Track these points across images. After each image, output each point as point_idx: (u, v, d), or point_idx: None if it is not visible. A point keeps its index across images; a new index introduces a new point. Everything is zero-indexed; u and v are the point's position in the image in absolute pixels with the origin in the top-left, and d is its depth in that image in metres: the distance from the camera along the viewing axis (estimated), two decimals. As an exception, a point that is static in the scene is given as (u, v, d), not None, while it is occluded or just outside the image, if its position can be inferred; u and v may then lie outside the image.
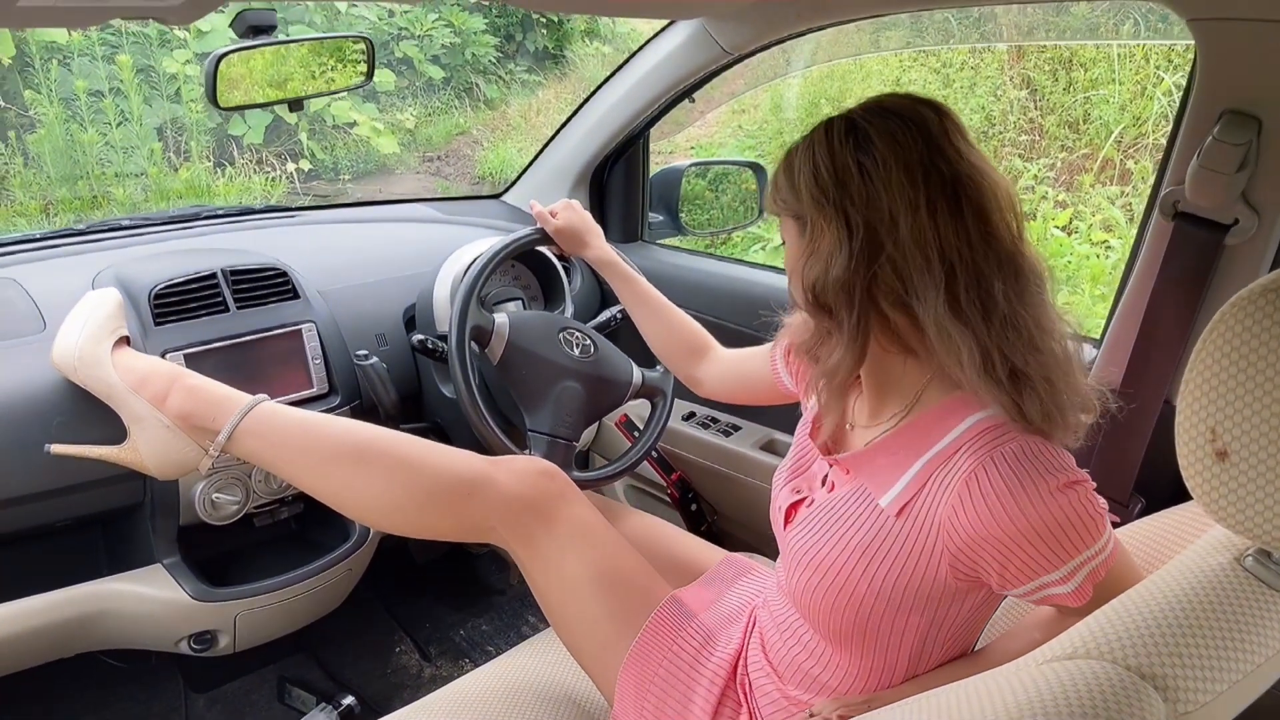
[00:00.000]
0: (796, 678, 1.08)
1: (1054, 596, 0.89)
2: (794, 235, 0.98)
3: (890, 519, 0.95)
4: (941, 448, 0.92)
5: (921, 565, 0.93)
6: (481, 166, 6.52)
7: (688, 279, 1.95)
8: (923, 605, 0.95)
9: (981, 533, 0.87)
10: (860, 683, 1.03)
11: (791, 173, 0.96)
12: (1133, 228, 4.27)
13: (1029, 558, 0.87)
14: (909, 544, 0.93)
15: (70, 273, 1.58)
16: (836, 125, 0.93)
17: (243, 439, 1.30)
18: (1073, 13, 4.95)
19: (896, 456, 0.95)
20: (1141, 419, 1.30)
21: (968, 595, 0.95)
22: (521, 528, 1.22)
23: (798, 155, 0.95)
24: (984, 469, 0.87)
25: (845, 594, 0.97)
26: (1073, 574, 0.87)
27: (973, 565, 0.90)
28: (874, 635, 0.99)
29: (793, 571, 1.04)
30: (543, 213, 1.59)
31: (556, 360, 1.57)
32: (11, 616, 1.41)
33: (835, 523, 1.00)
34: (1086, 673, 0.63)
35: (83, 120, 5.23)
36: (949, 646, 1.01)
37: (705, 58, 1.77)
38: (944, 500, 0.90)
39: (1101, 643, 0.66)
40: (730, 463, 1.86)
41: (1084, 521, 0.86)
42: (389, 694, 1.97)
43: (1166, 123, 4.68)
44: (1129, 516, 1.29)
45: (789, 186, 0.96)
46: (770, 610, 1.15)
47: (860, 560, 0.96)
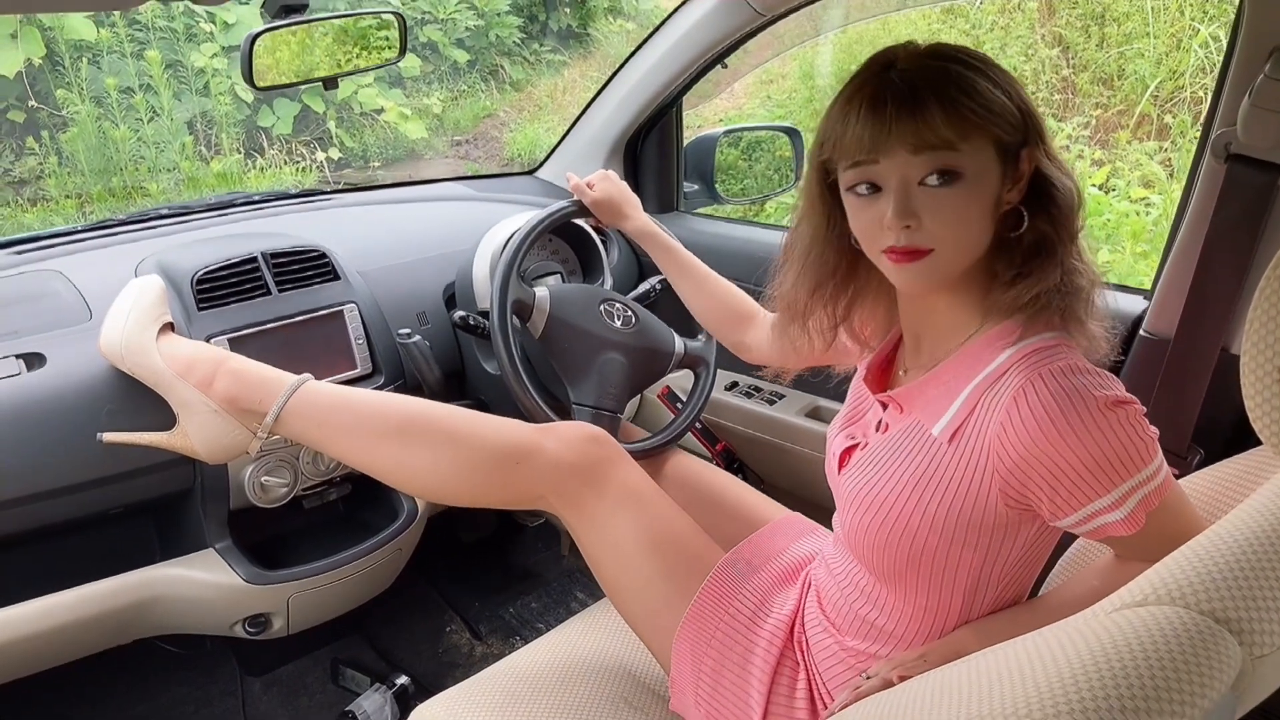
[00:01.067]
0: (854, 627, 1.08)
1: (1106, 526, 0.88)
2: (990, 160, 0.91)
3: (943, 446, 0.95)
4: (990, 370, 0.93)
5: (974, 491, 0.92)
6: (510, 148, 6.52)
7: (726, 247, 1.93)
8: (975, 538, 0.95)
9: (1031, 449, 0.87)
10: (915, 624, 1.03)
11: (998, 86, 0.90)
12: (1174, 182, 4.18)
13: (1079, 477, 0.86)
14: (961, 469, 0.93)
15: (113, 262, 1.59)
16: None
17: (290, 420, 1.30)
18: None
19: (947, 385, 0.96)
20: (1198, 368, 1.28)
21: (1020, 528, 0.95)
22: (571, 494, 1.23)
23: (987, 70, 0.90)
24: (1032, 385, 0.87)
25: (899, 527, 0.97)
26: (1124, 499, 0.87)
27: (1023, 488, 0.89)
28: (928, 572, 0.99)
29: (848, 513, 1.04)
30: (580, 185, 1.58)
31: (598, 332, 1.56)
32: (68, 605, 1.43)
33: (889, 459, 1.00)
34: (1160, 619, 0.62)
35: (114, 117, 5.27)
36: (1003, 587, 1.00)
37: (738, 20, 1.74)
38: (993, 419, 0.90)
39: (1173, 588, 0.65)
40: (776, 431, 1.84)
41: (1134, 442, 0.86)
42: (441, 673, 1.98)
43: (1204, 75, 4.58)
44: (1188, 468, 1.26)
45: (1003, 98, 0.89)
46: (827, 564, 1.15)
47: (914, 491, 0.96)
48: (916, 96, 0.87)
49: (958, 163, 0.88)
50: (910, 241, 0.91)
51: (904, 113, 0.87)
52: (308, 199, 2.00)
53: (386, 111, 6.28)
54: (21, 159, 5.31)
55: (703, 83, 2.00)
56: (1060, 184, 0.92)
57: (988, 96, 0.88)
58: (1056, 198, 0.92)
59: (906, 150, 0.88)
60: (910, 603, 1.03)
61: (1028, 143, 0.92)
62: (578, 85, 7.04)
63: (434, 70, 6.84)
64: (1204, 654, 0.60)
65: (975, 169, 0.89)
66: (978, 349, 0.95)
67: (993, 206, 0.92)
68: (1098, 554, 1.10)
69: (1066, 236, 0.93)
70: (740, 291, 1.48)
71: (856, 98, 0.90)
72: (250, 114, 5.91)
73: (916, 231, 0.90)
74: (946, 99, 0.87)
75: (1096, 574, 0.98)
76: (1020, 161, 0.92)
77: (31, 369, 1.37)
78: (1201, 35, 4.59)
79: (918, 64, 0.89)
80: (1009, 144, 0.90)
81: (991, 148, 0.89)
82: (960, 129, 0.87)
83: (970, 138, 0.88)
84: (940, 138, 0.87)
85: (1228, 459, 1.09)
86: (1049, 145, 0.93)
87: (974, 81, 0.88)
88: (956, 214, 0.90)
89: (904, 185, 0.90)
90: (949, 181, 0.89)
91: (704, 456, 1.99)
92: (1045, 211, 0.93)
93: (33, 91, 5.25)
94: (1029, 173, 0.92)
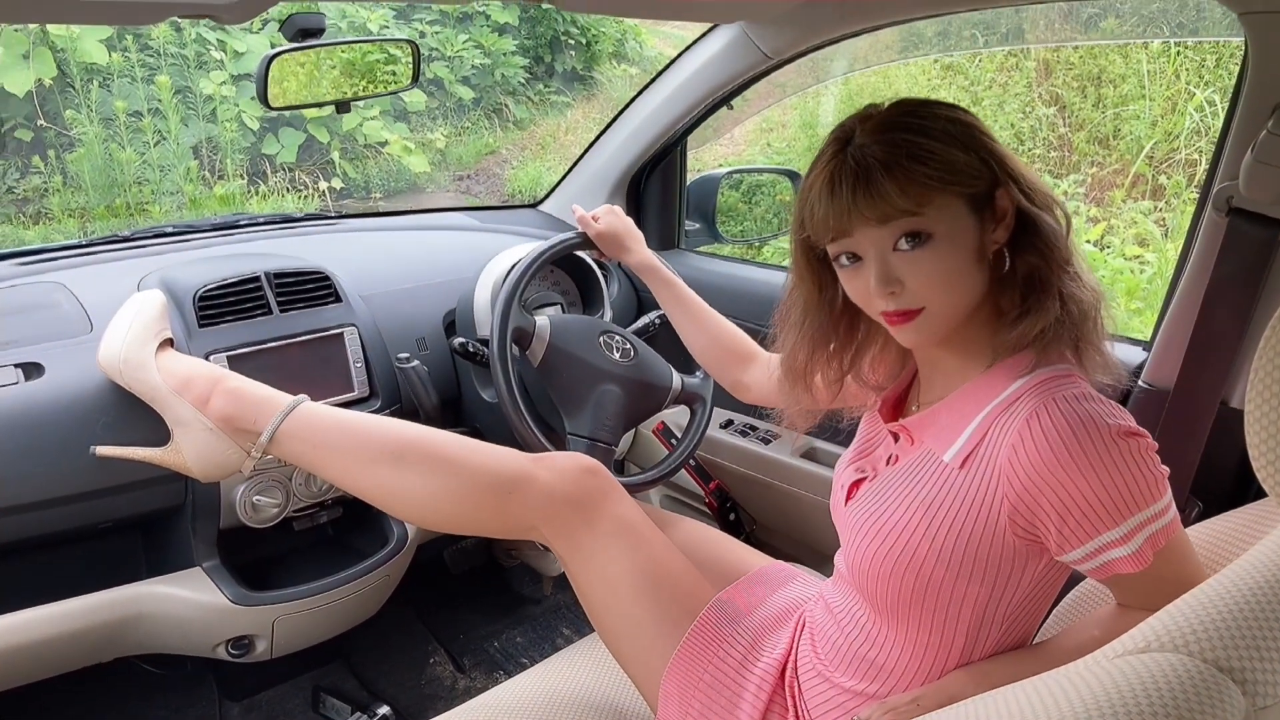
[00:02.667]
0: (851, 666, 1.07)
1: (1114, 562, 0.88)
2: (960, 215, 0.92)
3: (954, 472, 0.95)
4: (1002, 398, 0.94)
5: (983, 518, 0.93)
6: (511, 185, 6.56)
7: (726, 285, 1.94)
8: (982, 571, 0.95)
9: (1041, 473, 0.87)
10: (916, 662, 1.02)
11: (954, 141, 0.91)
12: (1168, 241, 4.22)
13: (1088, 506, 0.86)
14: (971, 495, 0.93)
15: (116, 277, 1.60)
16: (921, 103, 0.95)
17: (284, 440, 1.30)
18: (1101, 28, 4.93)
19: (960, 412, 0.97)
20: (1197, 420, 1.28)
21: (1027, 563, 0.95)
22: (564, 525, 1.21)
23: (942, 127, 0.92)
24: (1045, 409, 0.88)
25: (906, 556, 0.97)
26: (1132, 534, 0.87)
27: (1032, 515, 0.90)
28: (932, 606, 0.98)
29: (853, 543, 1.04)
30: (585, 217, 1.59)
31: (597, 363, 1.57)
32: (51, 619, 1.41)
33: (898, 487, 1.01)
34: (1164, 666, 0.61)
35: (122, 139, 5.30)
36: (1006, 628, 0.99)
37: (745, 63, 1.76)
38: (1004, 443, 0.90)
39: (1176, 636, 0.64)
40: (770, 471, 1.84)
41: (1145, 476, 0.86)
42: (423, 705, 1.95)
43: (1199, 138, 4.64)
44: (1186, 520, 1.25)
45: (959, 154, 0.91)
46: (826, 602, 1.14)
47: (923, 518, 0.96)
48: (869, 174, 0.90)
49: (924, 226, 0.91)
50: (899, 305, 0.94)
51: (859, 191, 0.90)
52: (312, 222, 2.01)
53: (390, 144, 6.32)
54: (26, 177, 5.33)
55: (703, 127, 2.02)
56: (1039, 218, 0.94)
57: (942, 157, 0.90)
58: (1041, 230, 0.94)
59: (871, 224, 0.91)
60: (912, 640, 1.02)
61: (999, 184, 0.93)
62: (580, 126, 7.11)
63: (439, 106, 6.90)
64: (1208, 703, 0.59)
65: (945, 227, 0.91)
66: (990, 378, 0.96)
67: (975, 254, 0.93)
68: (1097, 603, 1.10)
69: (1058, 265, 0.94)
70: (739, 331, 1.48)
71: (818, 181, 0.94)
72: (255, 141, 5.95)
73: (902, 294, 0.93)
74: (899, 170, 0.89)
75: (1097, 623, 0.97)
76: (996, 202, 0.93)
77: (29, 379, 1.37)
78: (1197, 99, 4.66)
79: (871, 138, 0.92)
80: (978, 193, 0.92)
81: (959, 202, 0.91)
82: (917, 196, 0.89)
83: (931, 200, 0.90)
84: (899, 208, 0.90)
85: (1227, 512, 1.09)
86: (1024, 179, 0.95)
87: (925, 146, 0.90)
88: (937, 272, 0.92)
89: (880, 254, 0.93)
90: (921, 243, 0.91)
91: (696, 494, 1.99)
92: (1032, 246, 0.94)
93: (42, 111, 5.28)
94: (1010, 210, 0.94)
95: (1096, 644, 0.81)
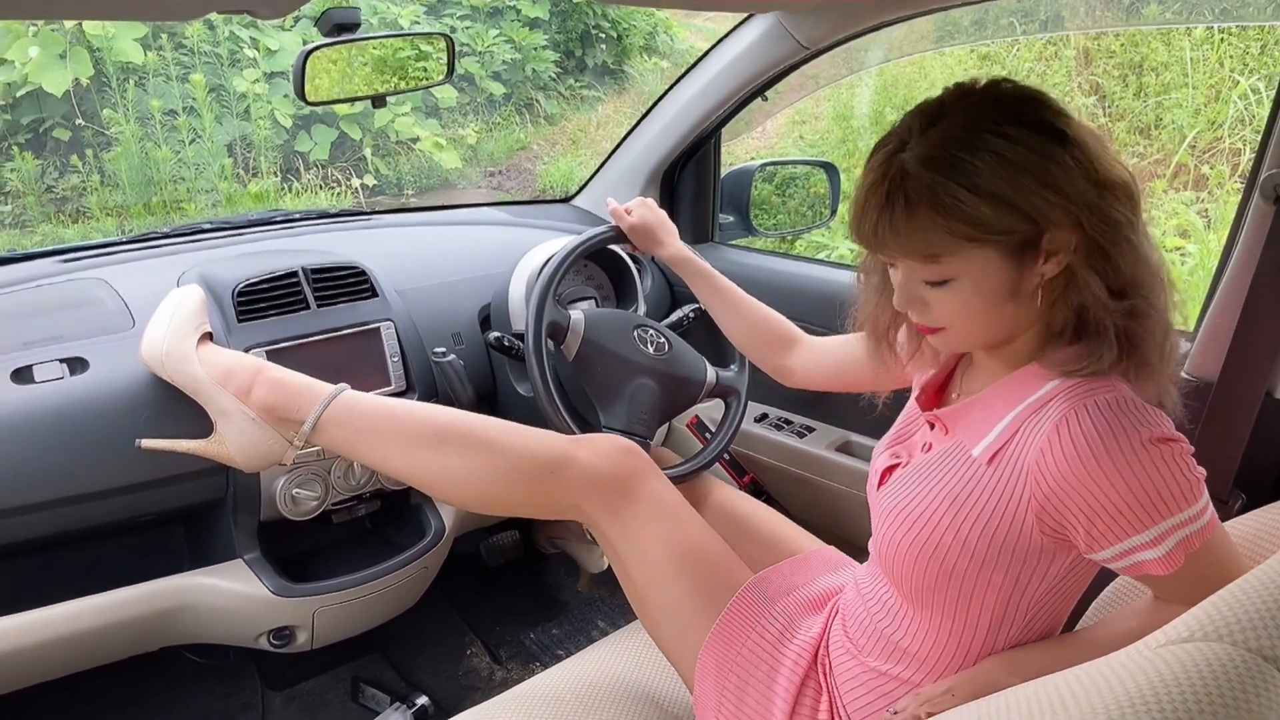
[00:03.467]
0: (878, 647, 1.08)
1: (1143, 564, 0.87)
2: (988, 260, 0.88)
3: (982, 468, 0.95)
4: (1036, 398, 0.93)
5: (1009, 515, 0.92)
6: (542, 180, 6.57)
7: (761, 279, 1.93)
8: (1007, 562, 0.94)
9: (1069, 478, 0.86)
10: (939, 647, 1.02)
11: (992, 191, 0.84)
12: (1210, 232, 4.16)
13: (1117, 512, 0.85)
14: (998, 492, 0.93)
15: (156, 273, 1.62)
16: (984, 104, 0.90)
17: (327, 428, 1.32)
18: (1143, 15, 4.86)
19: (992, 408, 0.97)
20: (1241, 412, 1.26)
21: (1054, 558, 0.94)
22: (605, 504, 1.23)
23: (987, 172, 0.84)
24: (1075, 414, 0.87)
25: (931, 545, 0.97)
26: (1162, 538, 0.85)
27: (1059, 516, 0.89)
28: (955, 594, 0.98)
29: (882, 526, 1.05)
30: (618, 210, 1.59)
31: (631, 357, 1.57)
32: (97, 609, 1.44)
33: (927, 477, 1.01)
34: (1208, 655, 0.61)
35: (157, 138, 5.37)
36: (1032, 618, 0.99)
37: (781, 53, 1.75)
38: (1034, 444, 0.90)
39: (1220, 625, 0.63)
40: (805, 464, 1.83)
41: (1177, 481, 0.85)
42: (460, 696, 1.97)
43: (1243, 127, 4.56)
44: (1229, 513, 1.24)
45: (1001, 203, 0.84)
46: (858, 586, 1.15)
47: (948, 510, 0.97)
48: (893, 209, 0.87)
49: (944, 272, 0.89)
50: (922, 320, 0.95)
51: (882, 222, 0.89)
52: (347, 219, 2.02)
53: (422, 141, 6.36)
54: (65, 176, 5.41)
55: (734, 120, 2.02)
56: (1079, 274, 0.88)
57: (972, 210, 0.85)
58: (1079, 281, 0.89)
59: (895, 256, 0.91)
60: (935, 625, 1.02)
61: (1044, 229, 0.87)
62: (611, 121, 7.11)
63: (470, 102, 6.92)
64: (1252, 692, 0.59)
65: (970, 272, 0.88)
66: (1025, 375, 0.96)
67: (1007, 293, 0.90)
68: (1136, 595, 1.09)
69: (1115, 305, 0.89)
70: (778, 315, 1.48)
71: (862, 187, 0.91)
72: (288, 139, 6.00)
73: (926, 313, 0.94)
74: (922, 215, 0.86)
75: (1134, 615, 0.97)
76: (1043, 244, 0.88)
77: (74, 373, 1.40)
78: (1241, 87, 4.59)
79: (916, 162, 0.87)
80: (1017, 242, 0.87)
81: (989, 251, 0.87)
82: (936, 248, 0.87)
83: (955, 251, 0.87)
84: (917, 251, 0.88)
85: (1271, 504, 1.07)
86: (1097, 216, 0.87)
87: (957, 196, 0.85)
88: (959, 306, 0.91)
89: (906, 276, 0.93)
90: (943, 284, 0.90)
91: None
92: (1086, 287, 0.89)
93: (80, 110, 5.36)
94: (1065, 252, 0.88)
95: (1133, 635, 0.81)
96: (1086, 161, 0.87)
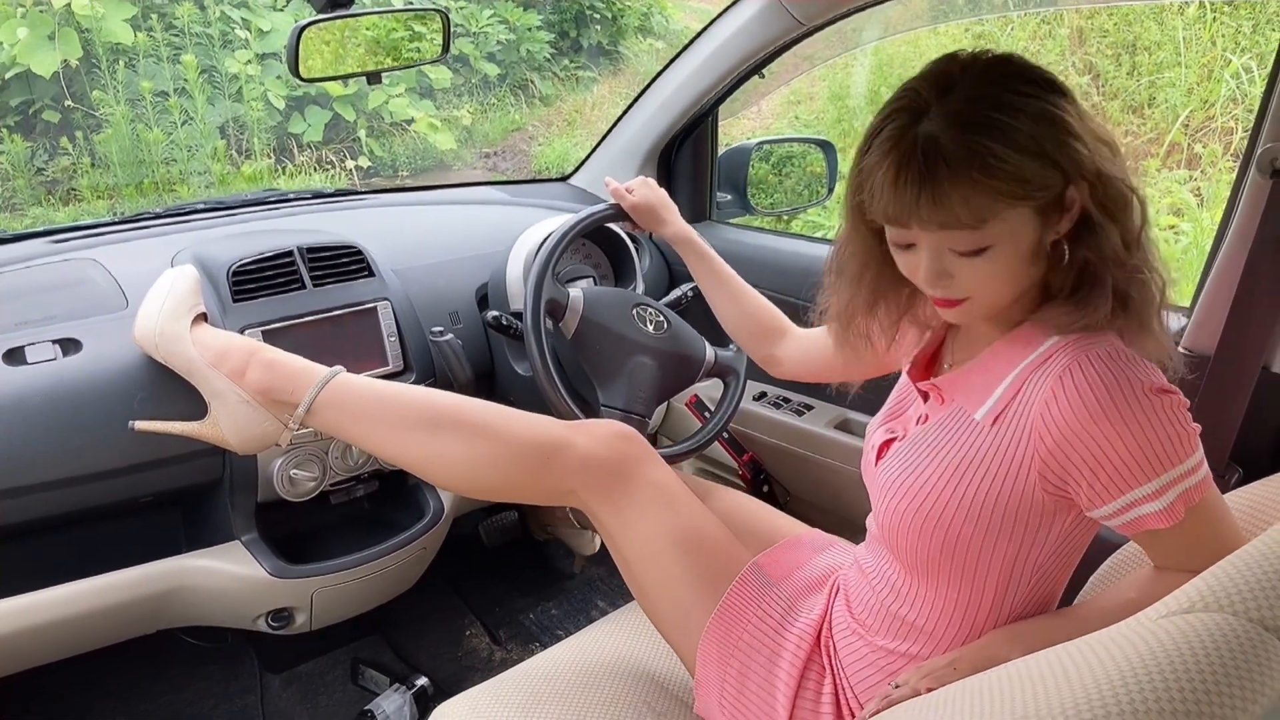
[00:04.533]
0: (885, 625, 1.08)
1: (1145, 518, 0.88)
2: (1023, 221, 0.87)
3: (985, 430, 0.96)
4: (1035, 356, 0.94)
5: (1013, 475, 0.93)
6: (538, 161, 6.55)
7: (758, 257, 1.92)
8: (1011, 527, 0.95)
9: (1074, 427, 0.87)
10: (947, 619, 1.03)
11: (1031, 145, 0.84)
12: (1203, 211, 4.16)
13: (1121, 463, 0.86)
14: (1002, 452, 0.94)
15: (150, 253, 1.60)
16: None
17: (322, 411, 1.30)
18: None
19: (991, 371, 0.97)
20: (1238, 386, 1.26)
21: (1055, 518, 0.95)
22: (602, 490, 1.22)
23: (1021, 128, 0.84)
24: (1078, 364, 0.88)
25: (936, 514, 0.98)
26: (1164, 490, 0.86)
27: (1063, 471, 0.90)
28: (961, 563, 0.99)
29: (883, 500, 1.05)
30: (619, 189, 1.58)
31: (630, 335, 1.56)
32: (94, 591, 1.43)
33: (928, 447, 1.01)
34: (1210, 625, 0.61)
35: (149, 120, 5.33)
36: (1035, 583, 1.00)
37: (778, 29, 1.73)
38: (1037, 398, 0.90)
39: (1221, 596, 0.64)
40: (804, 442, 1.83)
41: (1178, 432, 0.86)
42: (460, 676, 1.97)
43: (1235, 105, 4.55)
44: (1226, 487, 1.24)
45: (1033, 163, 0.84)
46: (859, 565, 1.15)
47: (953, 477, 0.97)
48: (936, 179, 0.84)
49: (983, 239, 0.87)
50: (947, 294, 0.93)
51: (924, 195, 0.85)
52: (343, 198, 2.01)
53: (416, 122, 6.32)
54: (55, 159, 5.38)
55: (730, 99, 2.00)
56: (1100, 225, 0.89)
57: (1017, 172, 0.84)
58: (1098, 234, 0.89)
59: (931, 228, 0.88)
60: (942, 596, 1.02)
61: (1070, 182, 0.87)
62: (606, 102, 7.07)
63: (464, 83, 6.89)
64: (1254, 661, 0.59)
65: (1006, 236, 0.87)
66: (1021, 335, 0.96)
67: (1032, 252, 0.90)
68: (1135, 569, 1.09)
69: (1117, 263, 0.90)
70: (772, 306, 1.47)
71: (883, 163, 0.87)
72: (281, 120, 5.97)
73: (951, 286, 0.92)
74: (967, 183, 0.84)
75: (1133, 586, 0.97)
76: (1065, 200, 0.88)
77: (67, 354, 1.38)
78: (1234, 66, 4.57)
79: (947, 131, 0.85)
80: (1048, 200, 0.87)
81: (1025, 212, 0.87)
82: (982, 210, 0.85)
83: (997, 214, 0.86)
84: (961, 222, 0.86)
85: (1267, 478, 1.08)
86: (1103, 177, 0.88)
87: (1003, 157, 0.83)
88: (989, 274, 0.90)
89: (934, 252, 0.91)
90: (978, 253, 0.88)
91: (730, 466, 1.98)
92: (1094, 243, 0.90)
93: (69, 92, 5.32)
94: (1078, 206, 0.89)
95: (1133, 606, 0.82)
96: (1085, 115, 0.89)
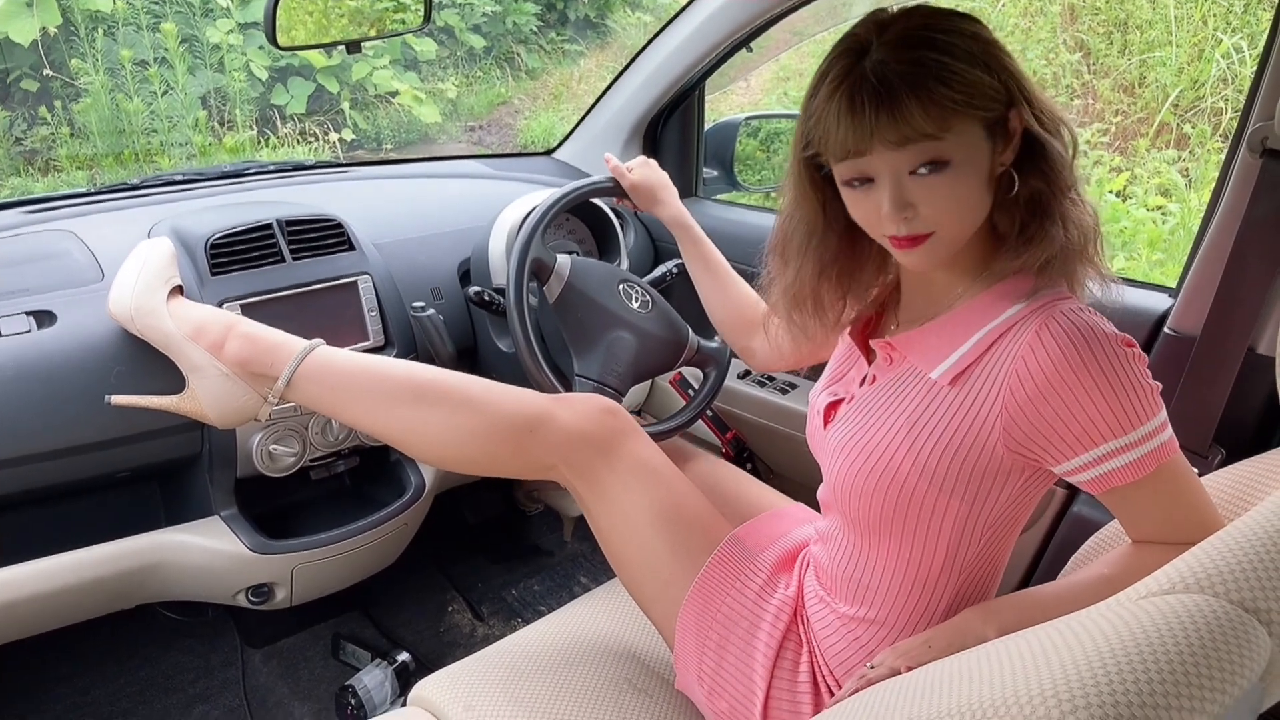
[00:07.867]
0: (845, 591, 1.09)
1: (1114, 473, 0.89)
2: (977, 139, 0.90)
3: (943, 390, 0.97)
4: (1002, 319, 0.94)
5: (973, 433, 0.94)
6: (524, 135, 6.50)
7: (744, 234, 1.91)
8: (965, 485, 0.96)
9: (1051, 381, 0.88)
10: (899, 578, 1.04)
11: (975, 60, 0.88)
12: (1192, 191, 4.16)
13: (1095, 413, 0.87)
14: (962, 411, 0.95)
15: (126, 225, 1.58)
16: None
17: (302, 384, 1.29)
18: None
19: (951, 335, 0.98)
20: (1223, 367, 1.26)
21: (1009, 477, 0.96)
22: (584, 464, 1.22)
23: (962, 45, 0.88)
24: (1053, 320, 0.90)
25: (890, 473, 0.99)
26: (1135, 444, 0.88)
27: (1030, 428, 0.91)
28: (914, 521, 1.00)
29: (834, 463, 1.05)
30: (619, 167, 1.56)
31: (614, 308, 1.54)
32: (72, 566, 1.42)
33: (880, 406, 1.02)
34: (1190, 606, 0.61)
35: (128, 89, 5.26)
36: (986, 542, 1.01)
37: (766, 1, 1.72)
38: (1012, 355, 0.91)
39: (1201, 577, 0.64)
40: (787, 420, 1.83)
41: (1145, 387, 0.88)
42: (442, 652, 1.97)
43: (1225, 86, 4.55)
44: (1209, 467, 1.25)
45: (981, 74, 0.88)
46: (821, 534, 1.15)
47: (908, 435, 0.98)
48: (893, 94, 0.86)
49: (944, 152, 0.89)
50: (910, 230, 0.93)
51: (882, 112, 0.87)
52: (324, 170, 1.99)
53: (401, 94, 6.26)
54: (34, 128, 5.30)
55: (717, 75, 1.98)
56: (1047, 142, 0.92)
57: (966, 79, 0.87)
58: (1048, 153, 0.93)
59: (891, 146, 0.88)
60: (894, 554, 1.03)
61: (1013, 104, 0.91)
62: (593, 75, 7.02)
63: (449, 55, 6.82)
64: (1233, 643, 0.59)
65: (963, 152, 0.89)
66: (987, 301, 0.97)
67: (987, 178, 0.92)
68: (1113, 548, 1.09)
69: (1061, 190, 0.94)
70: (757, 298, 1.46)
71: (834, 97, 0.89)
72: (264, 91, 5.89)
73: (914, 219, 0.92)
74: (923, 92, 0.86)
75: (1107, 563, 0.97)
76: (1009, 124, 0.92)
77: (41, 327, 1.36)
78: (1224, 46, 4.56)
79: (893, 54, 0.88)
80: (995, 117, 0.90)
81: (977, 126, 0.90)
82: (941, 120, 0.87)
83: (953, 125, 0.88)
84: (922, 132, 0.87)
85: (1250, 458, 1.08)
86: (1037, 100, 0.93)
87: (950, 66, 0.87)
88: (951, 197, 0.91)
89: (895, 177, 0.91)
90: (938, 170, 0.89)
91: (714, 445, 1.98)
92: (1038, 169, 0.93)
93: (48, 60, 5.24)
94: (1019, 132, 0.92)
95: (1106, 582, 0.85)
96: (1025, 75, 0.93)
